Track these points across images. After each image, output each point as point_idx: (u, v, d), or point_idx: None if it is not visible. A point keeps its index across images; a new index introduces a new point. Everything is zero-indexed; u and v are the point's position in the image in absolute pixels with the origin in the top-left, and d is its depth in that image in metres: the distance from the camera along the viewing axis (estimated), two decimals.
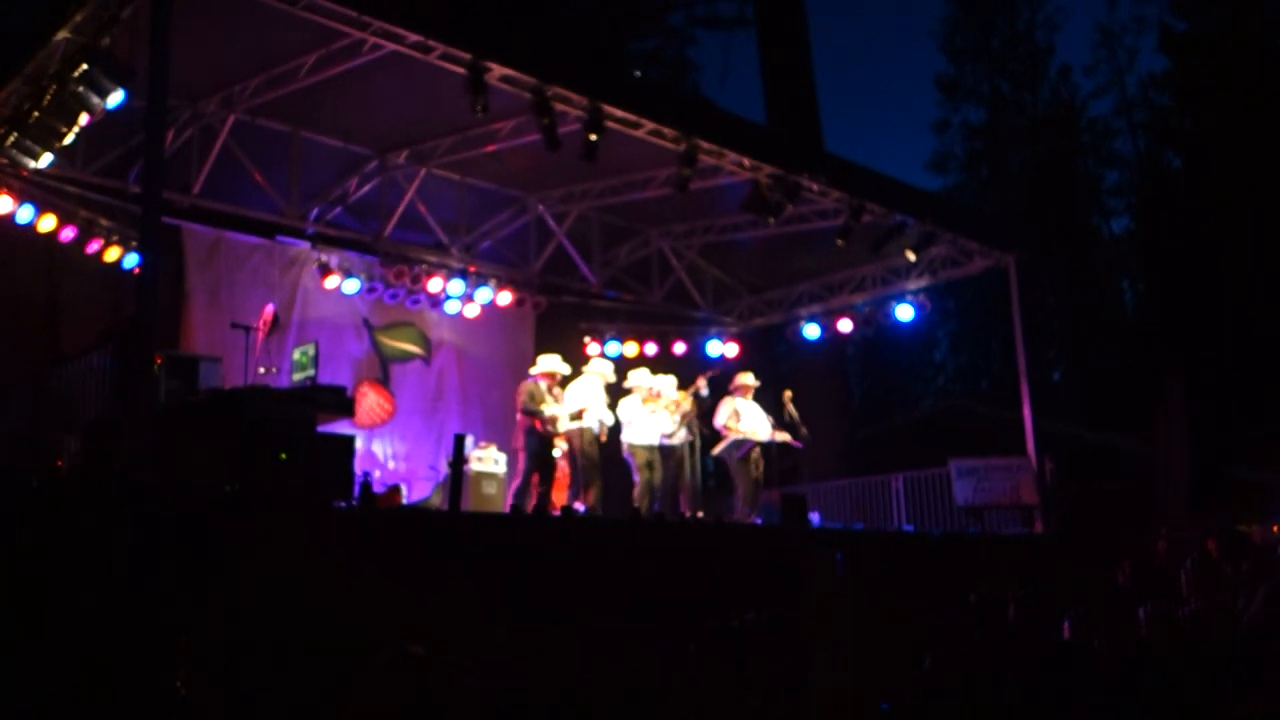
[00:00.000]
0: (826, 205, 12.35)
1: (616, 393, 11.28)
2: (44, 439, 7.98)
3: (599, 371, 11.16)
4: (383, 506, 9.10)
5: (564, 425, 10.51)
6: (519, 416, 10.42)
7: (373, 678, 4.58)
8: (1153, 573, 8.67)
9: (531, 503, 9.98)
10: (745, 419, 11.44)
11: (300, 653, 5.95)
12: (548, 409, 10.36)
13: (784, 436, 11.50)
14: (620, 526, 8.93)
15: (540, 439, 10.29)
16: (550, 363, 10.66)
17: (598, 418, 10.72)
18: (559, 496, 11.04)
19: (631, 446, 10.96)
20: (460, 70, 9.01)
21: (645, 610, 7.57)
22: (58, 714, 4.68)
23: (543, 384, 10.46)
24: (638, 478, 10.85)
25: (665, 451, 11.15)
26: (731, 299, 16.11)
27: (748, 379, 11.81)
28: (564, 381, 10.81)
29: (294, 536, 6.38)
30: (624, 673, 6.84)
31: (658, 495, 10.88)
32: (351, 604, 6.28)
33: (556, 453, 10.64)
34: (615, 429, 10.99)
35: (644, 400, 11.11)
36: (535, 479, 10.21)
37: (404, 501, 10.93)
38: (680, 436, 11.13)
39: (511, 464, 11.35)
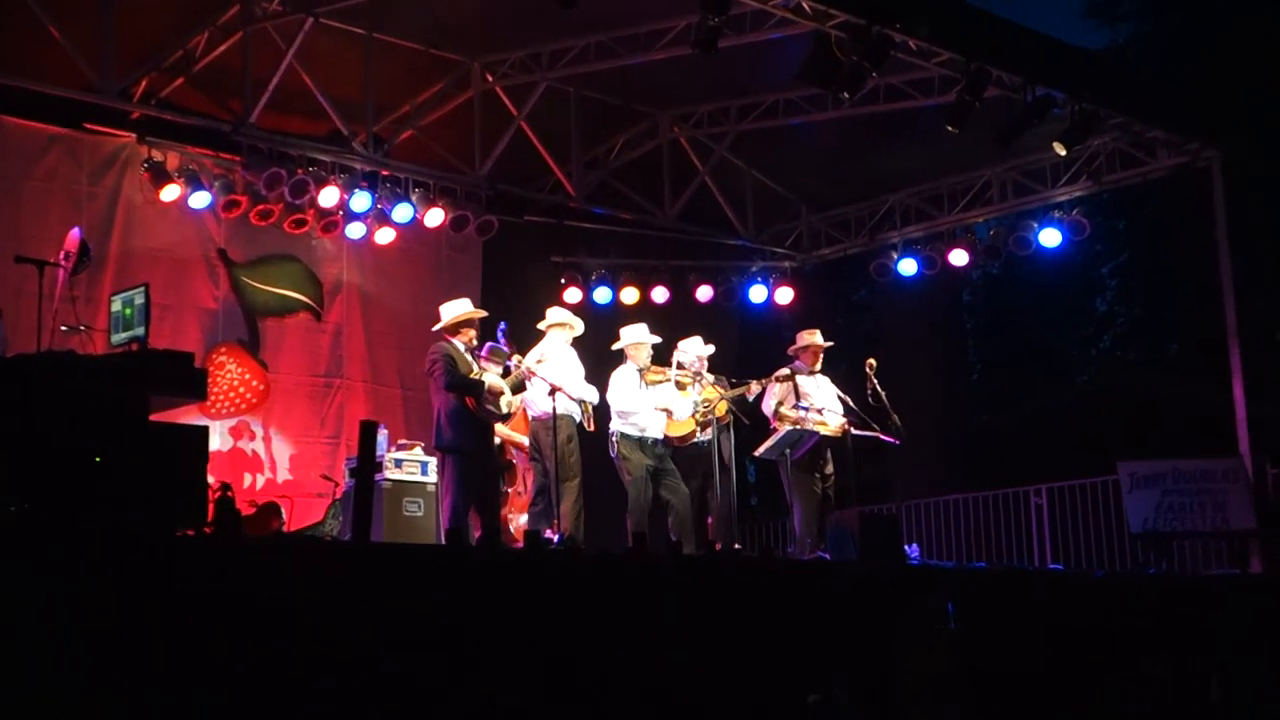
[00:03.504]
0: (930, 73, 12.28)
1: (603, 357, 11.28)
2: None
3: (561, 323, 11.15)
4: (251, 534, 9.09)
5: (510, 400, 10.52)
6: (435, 398, 10.35)
7: None
8: None
9: (476, 530, 9.97)
10: (807, 401, 11.40)
11: None
12: (486, 379, 10.35)
13: (865, 428, 11.46)
14: (614, 566, 8.90)
15: (479, 427, 10.28)
16: (459, 308, 10.54)
17: (578, 396, 10.73)
18: (519, 519, 11.04)
19: (623, 442, 10.97)
20: None
21: (657, 696, 7.57)
22: None
23: (460, 344, 10.38)
24: (631, 491, 10.89)
25: (683, 453, 11.15)
26: (785, 219, 16.05)
27: (812, 339, 11.78)
28: (483, 338, 10.75)
29: (113, 581, 6.35)
30: None
31: (679, 521, 10.88)
32: (199, 689, 6.25)
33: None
34: (603, 412, 11.04)
35: (646, 374, 11.11)
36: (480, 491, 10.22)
37: (283, 527, 10.91)
38: (706, 427, 11.12)
39: (444, 470, 11.33)
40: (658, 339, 11.41)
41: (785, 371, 11.54)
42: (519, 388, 10.58)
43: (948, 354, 18.16)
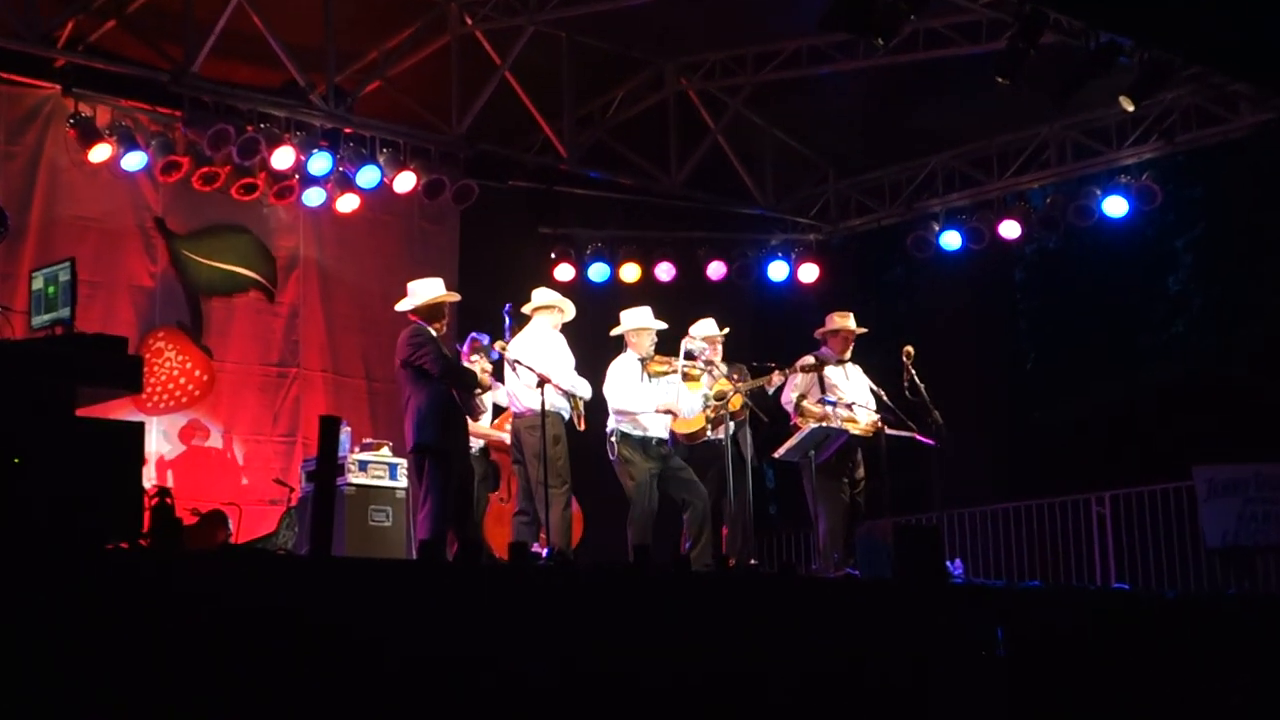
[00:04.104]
0: (977, 16, 12.35)
1: (600, 345, 11.30)
2: None
3: (549, 306, 11.15)
4: (193, 547, 9.10)
5: (497, 396, 10.62)
6: (412, 389, 10.34)
7: None
8: None
9: (452, 544, 9.97)
10: (834, 395, 11.41)
11: None
12: (476, 367, 10.42)
13: (901, 426, 11.47)
14: (613, 583, 8.89)
15: (463, 425, 10.30)
16: (432, 289, 10.52)
17: (568, 388, 10.75)
18: (502, 531, 11.03)
19: (624, 443, 11.00)
20: None
21: None
22: None
23: (432, 329, 10.34)
24: (633, 498, 10.92)
25: (695, 452, 11.19)
26: (809, 185, 16.10)
27: (843, 323, 11.81)
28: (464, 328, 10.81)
29: (35, 602, 6.34)
30: None
31: (695, 531, 10.92)
32: None
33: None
34: (599, 408, 11.06)
35: (649, 365, 11.14)
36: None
37: (230, 539, 10.97)
38: (719, 425, 11.13)
39: (417, 473, 11.35)
40: (663, 325, 11.40)
41: (811, 360, 11.50)
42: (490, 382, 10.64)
43: (996, 341, 18.15)
